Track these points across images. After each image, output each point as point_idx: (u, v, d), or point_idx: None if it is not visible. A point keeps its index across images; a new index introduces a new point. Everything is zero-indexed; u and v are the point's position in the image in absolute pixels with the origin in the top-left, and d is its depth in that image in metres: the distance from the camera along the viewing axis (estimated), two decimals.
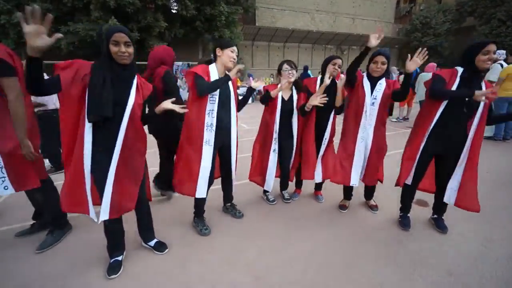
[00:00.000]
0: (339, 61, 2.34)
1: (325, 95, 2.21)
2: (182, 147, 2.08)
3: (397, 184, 2.22)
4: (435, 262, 1.81)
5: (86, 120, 1.48)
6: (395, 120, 7.18)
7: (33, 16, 1.11)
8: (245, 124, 7.06)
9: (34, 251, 1.95)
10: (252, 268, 1.79)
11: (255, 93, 12.60)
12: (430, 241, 2.05)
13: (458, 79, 1.87)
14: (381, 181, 2.44)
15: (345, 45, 23.45)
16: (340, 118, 2.41)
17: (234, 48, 2.03)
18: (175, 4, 14.52)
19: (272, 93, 2.32)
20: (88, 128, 1.50)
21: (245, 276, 1.72)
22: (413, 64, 1.92)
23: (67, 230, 2.19)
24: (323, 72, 2.40)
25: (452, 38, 22.76)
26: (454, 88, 1.86)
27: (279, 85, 2.34)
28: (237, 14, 15.50)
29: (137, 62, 1.68)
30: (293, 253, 1.94)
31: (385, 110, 2.22)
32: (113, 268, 1.73)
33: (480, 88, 1.85)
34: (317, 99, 2.21)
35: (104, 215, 1.59)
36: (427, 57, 1.94)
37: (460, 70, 1.89)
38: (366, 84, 2.20)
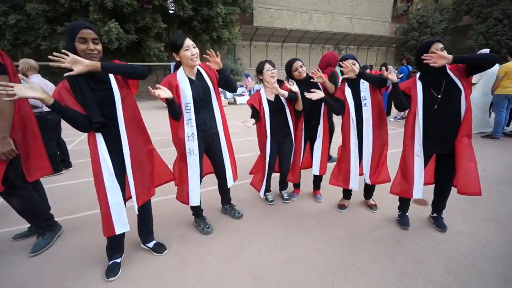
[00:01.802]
0: (298, 63, 2.42)
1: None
2: (177, 155, 2.07)
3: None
4: (434, 261, 1.81)
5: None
6: (393, 119, 7.20)
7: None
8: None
9: (28, 255, 1.93)
10: (251, 268, 1.78)
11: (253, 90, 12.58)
12: (429, 239, 2.05)
13: (419, 82, 1.95)
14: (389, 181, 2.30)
15: (342, 45, 23.50)
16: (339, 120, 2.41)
17: (187, 43, 1.76)
18: (172, 4, 14.48)
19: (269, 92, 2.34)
20: (97, 135, 1.52)
21: (245, 276, 1.71)
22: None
23: (58, 230, 2.15)
24: (289, 76, 2.51)
25: (449, 37, 22.86)
26: (419, 91, 1.93)
27: (267, 88, 2.34)
28: (234, 14, 15.49)
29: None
30: (292, 253, 1.94)
31: (380, 105, 2.22)
32: (112, 270, 1.72)
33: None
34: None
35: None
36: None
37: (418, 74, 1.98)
38: (348, 92, 2.25)
